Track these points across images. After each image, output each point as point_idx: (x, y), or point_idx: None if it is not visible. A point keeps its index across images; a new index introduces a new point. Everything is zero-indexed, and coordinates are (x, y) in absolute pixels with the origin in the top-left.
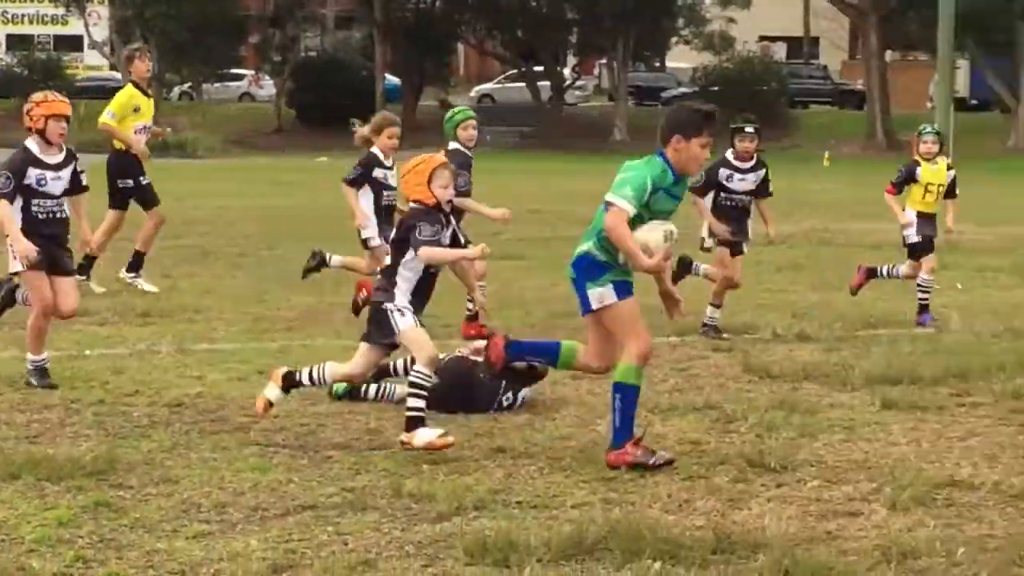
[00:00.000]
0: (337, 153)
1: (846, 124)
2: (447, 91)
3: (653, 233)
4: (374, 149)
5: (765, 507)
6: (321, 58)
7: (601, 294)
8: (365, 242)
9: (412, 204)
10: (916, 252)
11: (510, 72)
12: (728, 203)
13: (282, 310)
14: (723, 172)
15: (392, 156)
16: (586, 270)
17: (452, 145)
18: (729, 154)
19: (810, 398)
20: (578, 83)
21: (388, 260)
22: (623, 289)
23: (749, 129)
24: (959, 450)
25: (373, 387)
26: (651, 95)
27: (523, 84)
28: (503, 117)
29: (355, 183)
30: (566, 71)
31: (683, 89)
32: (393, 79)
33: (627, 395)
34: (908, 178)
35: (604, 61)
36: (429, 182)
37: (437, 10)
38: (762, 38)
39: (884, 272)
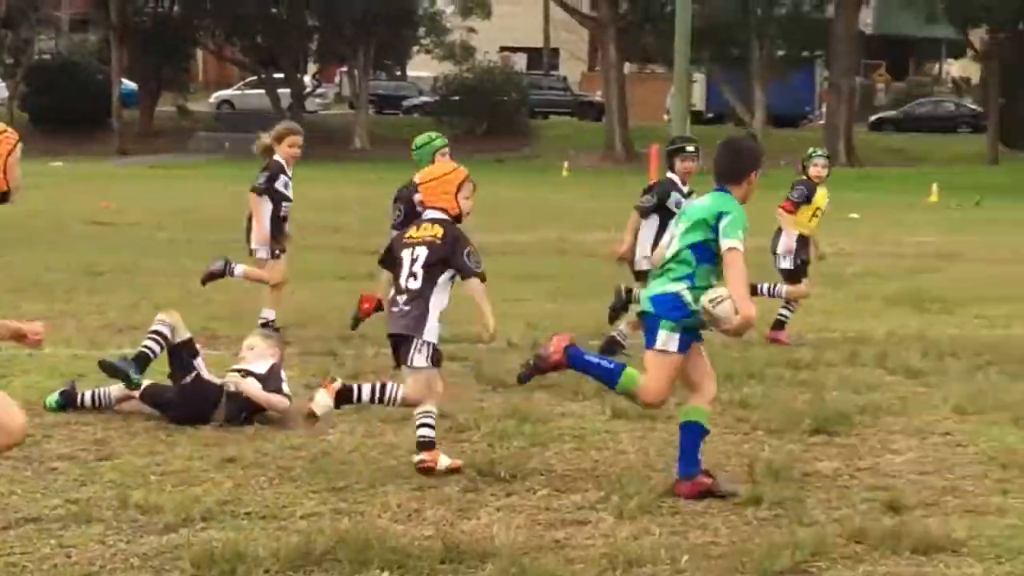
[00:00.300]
0: (72, 157)
1: (585, 135)
2: (186, 97)
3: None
4: (277, 157)
5: (494, 516)
6: (56, 61)
7: (668, 339)
8: (253, 252)
9: (431, 211)
10: (794, 277)
11: (250, 79)
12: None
13: (9, 318)
14: (674, 197)
15: (292, 166)
16: (669, 309)
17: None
18: (674, 176)
19: (542, 407)
20: (319, 91)
21: (414, 284)
22: (686, 343)
23: (691, 149)
24: None
25: (88, 393)
26: (392, 104)
27: (263, 91)
28: (242, 124)
29: (264, 192)
30: (307, 78)
31: (424, 98)
32: (130, 84)
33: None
34: (807, 198)
35: (345, 69)
36: (457, 192)
37: (175, 14)
38: (503, 48)
39: (764, 290)
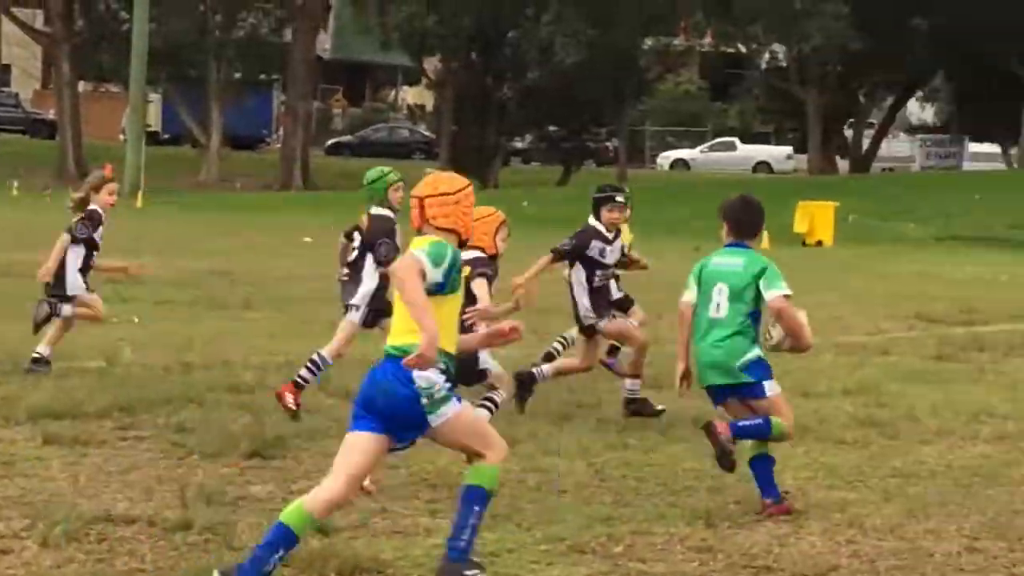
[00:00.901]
0: None
1: (37, 153)
2: None
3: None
4: (95, 207)
5: None
6: None
7: (774, 385)
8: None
9: (467, 251)
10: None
11: None
12: (602, 282)
13: None
14: (595, 246)
15: (109, 215)
16: (764, 370)
17: (376, 210)
18: (598, 224)
19: None
20: None
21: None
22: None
23: (620, 199)
24: (117, 484)
25: None
26: None
27: None
28: None
29: (80, 241)
30: None
31: None
32: None
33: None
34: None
35: None
36: (496, 233)
37: None
38: None
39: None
